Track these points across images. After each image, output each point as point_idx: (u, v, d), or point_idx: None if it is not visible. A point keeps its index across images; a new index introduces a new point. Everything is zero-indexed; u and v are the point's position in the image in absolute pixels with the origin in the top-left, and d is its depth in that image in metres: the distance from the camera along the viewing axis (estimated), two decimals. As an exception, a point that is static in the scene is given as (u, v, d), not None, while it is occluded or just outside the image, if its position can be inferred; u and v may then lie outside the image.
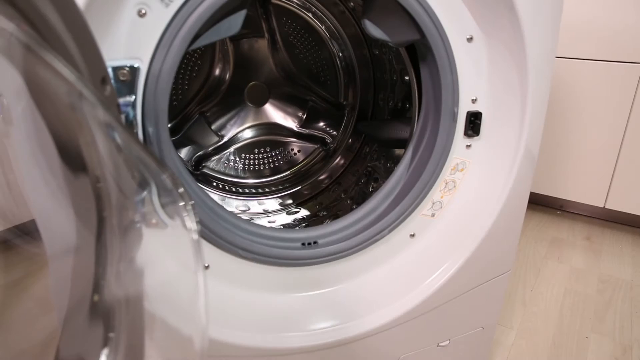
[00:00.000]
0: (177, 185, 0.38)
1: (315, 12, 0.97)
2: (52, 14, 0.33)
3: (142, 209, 0.40)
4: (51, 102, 0.33)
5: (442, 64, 0.60)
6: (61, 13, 0.34)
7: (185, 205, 0.38)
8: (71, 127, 0.35)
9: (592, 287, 1.14)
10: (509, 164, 0.66)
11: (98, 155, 0.36)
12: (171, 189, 0.36)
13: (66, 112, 0.33)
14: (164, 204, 0.39)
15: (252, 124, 1.04)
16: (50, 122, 0.34)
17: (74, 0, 0.36)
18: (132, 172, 0.38)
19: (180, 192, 0.39)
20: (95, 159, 0.37)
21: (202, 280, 0.43)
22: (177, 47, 0.50)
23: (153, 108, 0.51)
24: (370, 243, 0.66)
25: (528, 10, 0.57)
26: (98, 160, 0.38)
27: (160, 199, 0.38)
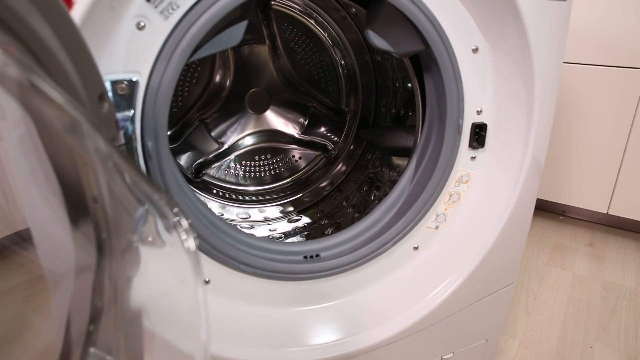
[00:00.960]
0: (172, 206, 0.37)
1: (317, 18, 0.96)
2: (46, 32, 0.32)
3: (141, 228, 0.39)
4: (46, 126, 0.32)
5: (447, 76, 0.59)
6: (56, 31, 0.33)
7: (182, 225, 0.37)
8: (67, 150, 0.34)
9: (596, 294, 1.13)
10: (514, 176, 0.65)
11: (95, 176, 0.35)
12: (167, 212, 0.35)
13: (61, 136, 0.32)
14: (161, 224, 0.38)
15: (252, 130, 1.03)
16: (47, 146, 0.33)
17: (69, 17, 0.35)
18: (129, 193, 0.37)
19: (175, 212, 0.38)
20: (92, 179, 0.36)
21: (201, 297, 0.42)
22: (176, 61, 0.49)
23: (152, 122, 0.50)
24: (373, 256, 0.65)
25: (534, 19, 0.56)
26: (95, 180, 0.37)
27: (157, 219, 0.38)
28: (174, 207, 0.37)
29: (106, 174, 0.36)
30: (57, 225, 0.39)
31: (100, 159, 0.32)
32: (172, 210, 0.36)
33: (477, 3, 0.57)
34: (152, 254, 0.41)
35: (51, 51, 0.33)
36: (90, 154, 0.33)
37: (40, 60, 0.32)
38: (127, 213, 0.38)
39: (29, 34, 0.30)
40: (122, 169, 0.30)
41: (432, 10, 0.55)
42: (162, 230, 0.38)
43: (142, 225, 0.39)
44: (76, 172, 0.35)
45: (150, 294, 0.44)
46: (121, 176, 0.34)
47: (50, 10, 0.32)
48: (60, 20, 0.34)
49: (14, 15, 0.27)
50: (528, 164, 0.64)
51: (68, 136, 0.30)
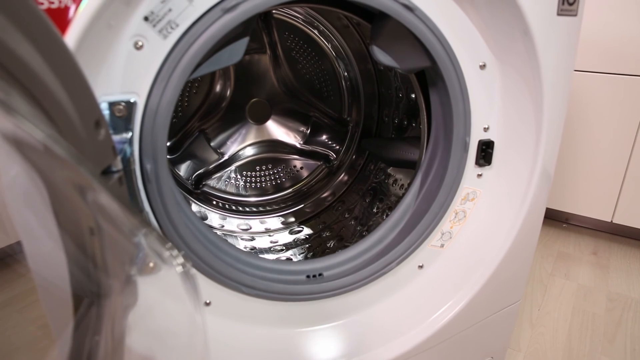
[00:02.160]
0: (164, 242, 0.35)
1: (319, 27, 0.94)
2: (35, 59, 0.30)
3: (140, 256, 0.38)
4: (37, 160, 0.30)
5: (454, 93, 0.57)
6: (46, 57, 0.31)
7: (177, 260, 0.36)
8: (62, 183, 0.32)
9: (601, 306, 1.12)
10: (521, 193, 0.64)
11: (91, 209, 0.34)
12: (158, 247, 0.34)
13: (55, 170, 0.31)
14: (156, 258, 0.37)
15: (253, 141, 1.01)
16: (43, 177, 0.32)
17: (62, 42, 0.33)
18: (126, 225, 0.36)
19: (168, 247, 0.36)
20: (88, 212, 0.35)
21: (200, 323, 0.41)
22: (175, 81, 0.47)
23: (151, 144, 0.48)
24: (377, 276, 0.64)
25: (544, 35, 0.55)
26: (91, 212, 0.35)
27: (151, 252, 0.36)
28: (166, 242, 0.35)
29: (102, 206, 0.34)
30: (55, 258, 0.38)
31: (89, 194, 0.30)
32: (164, 245, 0.35)
33: (485, 18, 0.55)
34: (149, 281, 0.40)
35: (40, 79, 0.31)
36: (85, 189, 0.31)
37: (27, 89, 0.30)
38: (125, 242, 0.36)
39: (14, 62, 0.28)
40: (109, 208, 0.28)
41: (439, 26, 0.54)
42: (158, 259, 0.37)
43: (141, 254, 0.38)
44: (71, 203, 0.33)
45: (149, 322, 0.43)
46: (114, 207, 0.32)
47: (41, 35, 0.31)
48: (52, 45, 0.32)
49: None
50: (536, 182, 0.63)
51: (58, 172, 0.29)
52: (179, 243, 0.53)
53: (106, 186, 0.27)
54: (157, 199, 0.50)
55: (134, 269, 0.39)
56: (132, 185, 0.49)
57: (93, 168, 0.29)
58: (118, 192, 0.41)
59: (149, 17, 0.45)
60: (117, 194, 0.41)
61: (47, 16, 0.31)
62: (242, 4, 0.47)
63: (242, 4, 0.47)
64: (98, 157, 0.39)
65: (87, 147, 0.36)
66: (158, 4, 0.45)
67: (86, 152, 0.36)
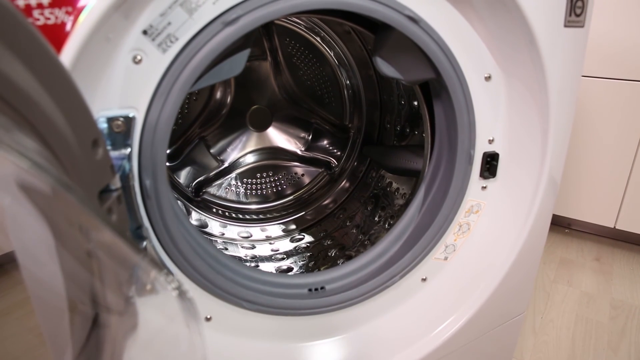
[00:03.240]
0: (159, 268, 0.34)
1: (320, 33, 0.93)
2: (27, 81, 0.29)
3: (136, 282, 0.37)
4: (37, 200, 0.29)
5: (459, 105, 0.56)
6: (40, 77, 0.30)
7: (172, 285, 0.35)
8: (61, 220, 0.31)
9: (604, 313, 1.11)
10: (527, 205, 0.63)
11: (88, 240, 0.33)
12: (152, 278, 0.33)
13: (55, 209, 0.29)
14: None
15: (254, 148, 1.00)
16: (37, 206, 0.31)
17: (56, 60, 0.32)
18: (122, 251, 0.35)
19: (164, 273, 0.35)
20: (83, 235, 0.34)
21: (200, 345, 0.40)
22: (175, 96, 0.46)
23: (150, 160, 0.47)
24: (380, 290, 0.63)
25: (550, 46, 0.54)
26: (86, 235, 0.34)
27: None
28: (162, 269, 0.34)
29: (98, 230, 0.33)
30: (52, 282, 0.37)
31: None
32: (159, 271, 0.34)
33: (491, 30, 0.54)
34: (148, 302, 0.39)
35: (34, 101, 0.30)
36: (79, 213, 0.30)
37: (19, 112, 0.29)
38: (121, 265, 0.35)
39: (4, 85, 0.27)
40: (107, 240, 0.27)
41: (444, 37, 0.53)
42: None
43: (138, 276, 0.37)
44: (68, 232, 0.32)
45: (147, 344, 0.42)
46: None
47: (34, 55, 0.30)
48: (46, 65, 0.31)
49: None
50: (542, 194, 0.62)
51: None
52: (179, 259, 0.53)
53: (106, 222, 0.26)
54: (156, 215, 0.49)
55: (132, 289, 0.38)
56: (131, 201, 0.48)
57: (94, 207, 0.27)
58: (117, 212, 0.40)
59: (147, 31, 0.44)
60: (116, 214, 0.40)
61: (41, 34, 0.30)
62: (243, 17, 0.46)
63: (243, 17, 0.46)
64: (96, 177, 0.38)
65: (84, 167, 0.35)
66: (157, 17, 0.44)
67: (83, 173, 0.35)
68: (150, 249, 0.52)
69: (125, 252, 0.28)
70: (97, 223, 0.25)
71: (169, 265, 0.53)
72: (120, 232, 0.26)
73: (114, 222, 0.40)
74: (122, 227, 0.42)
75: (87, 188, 0.36)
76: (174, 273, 0.54)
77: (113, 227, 0.26)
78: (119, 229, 0.41)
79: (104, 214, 0.26)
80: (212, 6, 0.46)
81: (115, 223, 0.39)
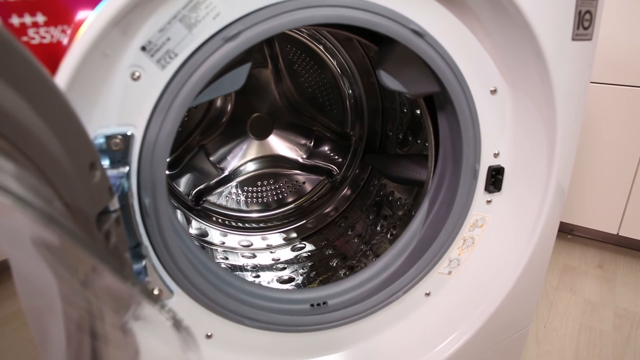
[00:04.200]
0: (154, 300, 0.33)
1: (323, 41, 0.92)
2: (16, 106, 0.28)
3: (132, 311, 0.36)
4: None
5: (464, 119, 0.55)
6: (34, 103, 0.29)
7: (167, 315, 0.34)
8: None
9: (608, 322, 1.10)
10: (532, 219, 0.62)
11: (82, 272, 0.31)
12: (147, 310, 0.32)
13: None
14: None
15: (255, 156, 0.99)
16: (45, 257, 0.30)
17: (50, 83, 0.31)
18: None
19: (159, 306, 0.34)
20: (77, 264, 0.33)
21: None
22: (174, 113, 0.45)
23: (150, 178, 0.46)
24: (384, 306, 0.62)
25: (558, 59, 0.53)
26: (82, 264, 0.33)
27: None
28: (157, 301, 0.33)
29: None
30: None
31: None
32: (154, 303, 0.32)
33: (497, 43, 0.53)
34: (144, 328, 0.38)
35: (27, 129, 0.29)
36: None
37: (10, 141, 0.28)
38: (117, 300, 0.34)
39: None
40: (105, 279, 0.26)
41: (449, 50, 0.52)
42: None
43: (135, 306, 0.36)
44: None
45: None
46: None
47: (27, 80, 0.29)
48: (40, 88, 0.30)
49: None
50: (548, 208, 0.61)
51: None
52: (179, 277, 0.51)
53: (99, 258, 0.25)
54: (156, 234, 0.48)
55: (128, 314, 0.37)
56: (130, 219, 0.47)
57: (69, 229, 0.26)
58: (115, 235, 0.39)
59: (146, 47, 0.43)
60: (114, 237, 0.39)
61: (32, 55, 0.29)
62: (244, 32, 0.45)
63: (244, 32, 0.45)
64: (93, 200, 0.36)
65: (81, 192, 0.34)
66: (156, 33, 0.43)
67: (80, 198, 0.34)
68: (149, 267, 0.51)
69: (120, 289, 0.27)
70: (93, 262, 0.24)
71: (169, 283, 0.52)
72: (117, 269, 0.25)
73: (112, 246, 0.39)
74: (120, 250, 0.41)
75: (84, 213, 0.35)
76: (173, 291, 0.53)
77: (110, 266, 0.25)
78: (116, 255, 0.40)
79: (99, 252, 0.25)
80: (212, 21, 0.44)
81: (112, 247, 0.39)
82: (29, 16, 0.36)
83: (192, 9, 0.44)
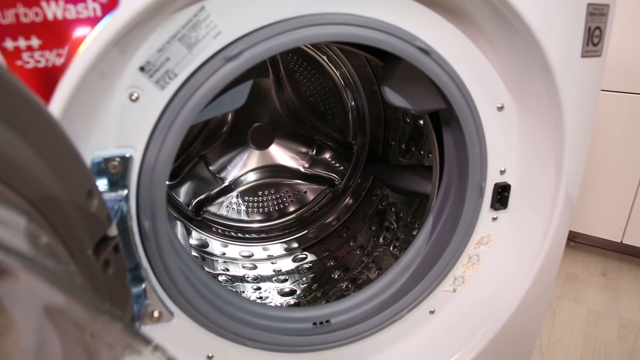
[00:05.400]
0: (146, 343, 0.32)
1: (330, 54, 0.90)
2: (11, 145, 0.27)
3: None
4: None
5: (470, 136, 0.54)
6: (26, 136, 0.28)
7: (156, 354, 0.33)
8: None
9: (613, 332, 1.09)
10: (539, 236, 0.61)
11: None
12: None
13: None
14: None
15: (255, 166, 0.98)
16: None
17: (43, 111, 0.29)
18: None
19: (151, 348, 0.33)
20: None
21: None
22: (174, 134, 0.44)
23: (149, 200, 0.45)
24: (387, 325, 0.61)
25: (567, 77, 0.51)
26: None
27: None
28: (149, 344, 0.32)
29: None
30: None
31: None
32: (147, 346, 0.31)
33: (504, 59, 0.52)
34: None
35: (20, 165, 0.28)
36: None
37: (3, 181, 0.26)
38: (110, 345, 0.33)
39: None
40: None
41: (456, 67, 0.51)
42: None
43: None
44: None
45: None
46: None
47: (18, 111, 0.27)
48: (30, 119, 0.29)
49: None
50: (555, 225, 0.60)
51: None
52: (180, 299, 0.50)
53: (104, 315, 0.24)
54: (156, 257, 0.47)
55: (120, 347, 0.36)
56: (129, 242, 0.46)
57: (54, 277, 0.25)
58: (113, 264, 0.38)
59: (145, 67, 0.42)
60: (113, 266, 0.38)
61: (25, 86, 0.28)
62: (245, 52, 0.44)
63: (245, 51, 0.44)
64: (91, 229, 0.35)
65: (78, 223, 0.33)
66: (154, 53, 0.42)
67: (77, 229, 0.33)
68: (149, 290, 0.50)
69: (117, 335, 0.26)
70: (87, 314, 0.23)
71: (169, 305, 0.51)
72: (115, 317, 0.24)
73: (110, 275, 0.37)
74: (119, 280, 0.39)
75: (80, 245, 0.34)
76: (173, 313, 0.52)
77: (110, 316, 0.24)
78: (114, 285, 0.39)
79: (93, 302, 0.24)
80: (212, 40, 0.43)
81: (110, 277, 0.37)
82: (23, 40, 0.35)
83: (192, 28, 0.43)
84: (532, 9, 0.47)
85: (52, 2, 0.35)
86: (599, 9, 0.50)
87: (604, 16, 0.51)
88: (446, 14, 0.49)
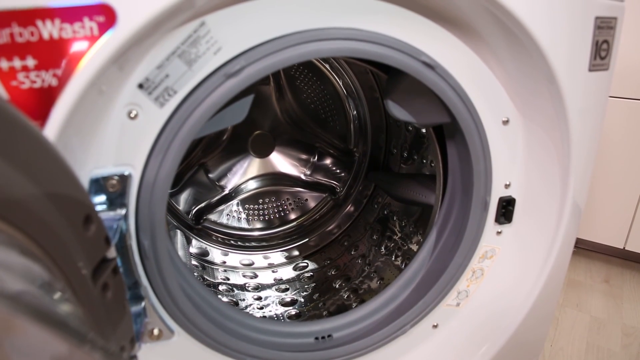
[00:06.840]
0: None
1: (333, 63, 0.89)
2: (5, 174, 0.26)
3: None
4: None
5: (475, 150, 0.53)
6: (20, 165, 0.27)
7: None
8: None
9: (616, 341, 1.08)
10: (544, 251, 0.60)
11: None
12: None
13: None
14: None
15: (256, 174, 0.97)
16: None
17: (37, 135, 0.29)
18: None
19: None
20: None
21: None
22: (174, 152, 0.43)
23: (148, 219, 0.44)
24: (390, 340, 0.60)
25: (574, 91, 0.50)
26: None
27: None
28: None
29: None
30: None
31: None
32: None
33: (510, 73, 0.51)
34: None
35: (15, 198, 0.27)
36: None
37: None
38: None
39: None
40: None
41: (461, 81, 0.50)
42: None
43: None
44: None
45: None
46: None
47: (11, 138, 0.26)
48: (28, 146, 0.28)
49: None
50: (560, 240, 0.59)
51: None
52: (180, 317, 0.49)
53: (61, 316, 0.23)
54: (155, 275, 0.46)
55: None
56: (128, 261, 0.45)
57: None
58: (112, 287, 0.37)
59: (143, 85, 0.41)
60: (112, 290, 0.37)
61: (21, 113, 0.27)
62: (247, 68, 0.43)
63: (247, 68, 0.43)
64: (89, 254, 0.34)
65: (75, 249, 0.32)
66: (153, 69, 0.41)
67: (74, 256, 0.32)
68: (149, 308, 0.49)
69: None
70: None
71: (169, 323, 0.50)
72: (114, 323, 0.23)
73: (109, 299, 0.37)
74: (118, 304, 0.39)
75: (77, 271, 0.33)
76: (174, 330, 0.51)
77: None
78: (113, 309, 0.38)
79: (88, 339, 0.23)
80: (213, 56, 0.42)
81: (109, 301, 0.36)
82: (18, 60, 0.34)
83: (192, 44, 0.42)
84: (539, 22, 0.46)
85: (48, 21, 0.34)
86: (606, 22, 0.49)
87: (612, 29, 0.50)
88: (451, 27, 0.48)
